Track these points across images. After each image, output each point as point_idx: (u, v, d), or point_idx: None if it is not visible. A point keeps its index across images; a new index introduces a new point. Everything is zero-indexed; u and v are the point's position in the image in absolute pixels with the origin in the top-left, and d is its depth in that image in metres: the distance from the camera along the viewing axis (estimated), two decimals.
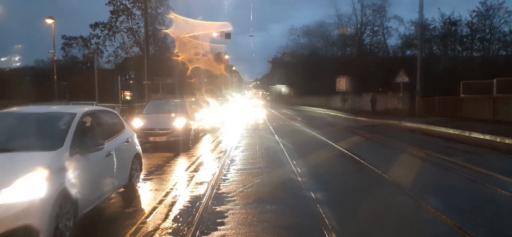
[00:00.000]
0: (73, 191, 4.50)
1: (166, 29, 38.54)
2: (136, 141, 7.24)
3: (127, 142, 6.62)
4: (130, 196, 6.52)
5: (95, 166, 5.28)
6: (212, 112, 19.87)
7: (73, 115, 5.25)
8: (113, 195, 6.26)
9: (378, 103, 31.40)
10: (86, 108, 5.89)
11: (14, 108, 5.86)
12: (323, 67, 44.50)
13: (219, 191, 6.80)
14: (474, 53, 36.95)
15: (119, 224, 5.21)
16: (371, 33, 49.54)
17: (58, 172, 4.35)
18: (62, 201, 4.25)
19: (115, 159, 5.85)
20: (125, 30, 42.24)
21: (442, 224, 5.11)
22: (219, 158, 10.59)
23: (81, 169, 4.78)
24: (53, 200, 4.08)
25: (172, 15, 33.24)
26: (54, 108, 6.19)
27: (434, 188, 7.14)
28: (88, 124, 5.65)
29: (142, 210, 5.85)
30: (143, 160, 10.07)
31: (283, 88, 72.45)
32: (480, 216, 5.52)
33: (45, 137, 4.97)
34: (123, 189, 6.60)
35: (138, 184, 7.17)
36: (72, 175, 4.57)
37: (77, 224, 4.71)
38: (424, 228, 5.04)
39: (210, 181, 7.63)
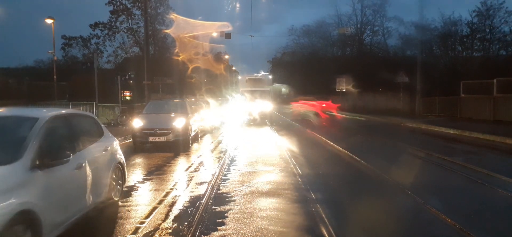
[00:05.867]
0: (33, 215, 3.68)
1: (166, 29, 38.56)
2: (118, 148, 6.44)
3: (105, 150, 5.78)
4: (110, 212, 5.66)
5: (62, 181, 4.42)
6: (212, 113, 19.87)
7: (34, 120, 4.38)
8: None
9: (378, 103, 31.48)
10: (54, 112, 4.96)
11: None
12: (323, 67, 44.50)
13: (219, 191, 6.79)
14: (474, 53, 36.97)
15: (118, 223, 5.20)
16: (371, 33, 49.64)
17: (11, 191, 3.53)
18: (16, 228, 3.46)
19: (88, 172, 5.03)
20: (125, 30, 42.23)
21: (442, 224, 5.11)
22: (219, 158, 10.58)
23: (43, 186, 3.96)
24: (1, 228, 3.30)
25: (172, 15, 33.29)
26: (15, 111, 5.16)
27: (434, 188, 7.13)
28: (55, 131, 4.72)
29: (138, 213, 5.83)
30: (143, 160, 10.16)
31: (283, 88, 72.27)
32: (480, 216, 5.52)
33: None
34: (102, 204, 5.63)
35: (135, 189, 6.92)
36: (31, 194, 3.74)
37: (77, 225, 4.69)
38: (424, 228, 5.04)
39: (210, 181, 7.63)
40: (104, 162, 5.70)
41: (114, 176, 5.98)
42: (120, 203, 6.06)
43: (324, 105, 26.24)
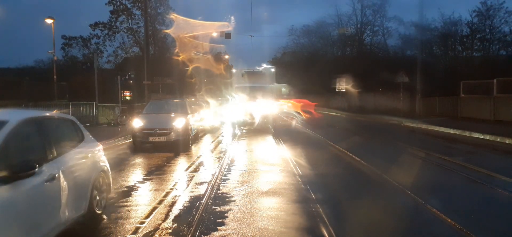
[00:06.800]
0: None
1: (166, 29, 38.53)
2: (102, 155, 5.85)
3: (85, 158, 5.22)
4: (91, 227, 5.06)
5: (28, 197, 3.72)
6: (212, 113, 19.87)
7: (2, 124, 3.79)
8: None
9: (378, 103, 31.51)
10: (24, 115, 4.37)
11: None
12: (323, 67, 44.50)
13: (219, 191, 6.79)
14: (474, 53, 36.98)
15: (118, 223, 5.20)
16: (371, 33, 49.60)
17: None
18: None
19: (64, 183, 4.36)
20: (125, 30, 42.18)
21: (442, 224, 5.10)
22: (219, 158, 10.58)
23: (5, 204, 3.39)
24: None
25: (172, 15, 33.22)
26: None
27: (435, 188, 7.13)
28: (23, 137, 4.10)
29: (138, 213, 5.83)
30: (143, 160, 10.15)
31: (283, 88, 72.14)
32: (480, 216, 5.52)
33: None
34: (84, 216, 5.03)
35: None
36: None
37: (77, 224, 4.69)
38: (424, 228, 5.04)
39: (210, 181, 7.63)
40: (84, 171, 5.11)
41: (97, 185, 5.43)
42: (104, 217, 5.45)
43: (301, 104, 28.72)
